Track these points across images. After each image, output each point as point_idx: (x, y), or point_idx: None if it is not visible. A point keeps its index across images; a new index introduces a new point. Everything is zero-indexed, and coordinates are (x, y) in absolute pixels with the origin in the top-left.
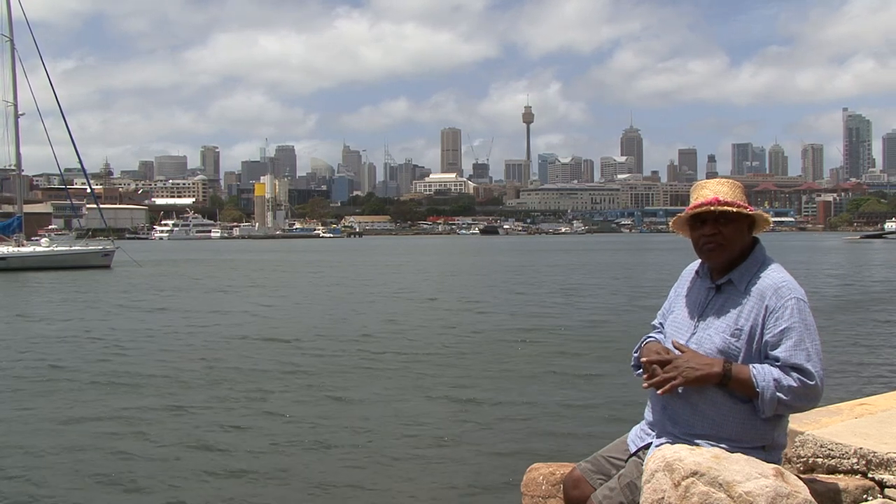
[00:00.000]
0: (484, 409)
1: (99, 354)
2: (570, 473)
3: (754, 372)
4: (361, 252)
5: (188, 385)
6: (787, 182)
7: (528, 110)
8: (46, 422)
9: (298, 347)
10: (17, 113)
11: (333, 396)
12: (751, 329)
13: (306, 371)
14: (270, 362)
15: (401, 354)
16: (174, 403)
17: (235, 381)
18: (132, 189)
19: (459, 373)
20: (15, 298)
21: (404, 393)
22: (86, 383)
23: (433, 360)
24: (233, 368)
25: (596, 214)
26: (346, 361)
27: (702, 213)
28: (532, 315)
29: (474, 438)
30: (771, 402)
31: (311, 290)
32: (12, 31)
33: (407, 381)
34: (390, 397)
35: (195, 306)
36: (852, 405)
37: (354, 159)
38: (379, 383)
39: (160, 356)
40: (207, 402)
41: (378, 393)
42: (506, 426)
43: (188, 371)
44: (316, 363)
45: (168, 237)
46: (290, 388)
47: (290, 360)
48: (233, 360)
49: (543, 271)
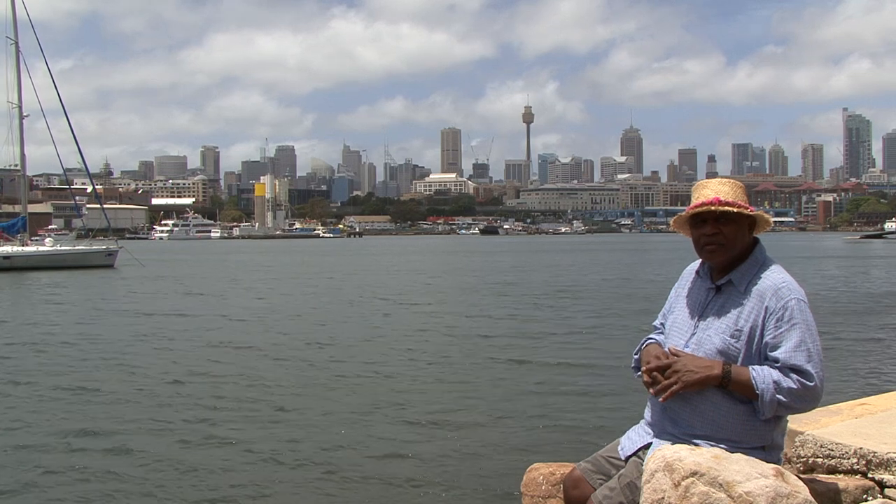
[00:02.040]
0: (484, 408)
1: (65, 360)
2: (570, 473)
3: (754, 374)
4: (359, 254)
5: (158, 397)
6: (787, 182)
7: (528, 110)
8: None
9: (306, 349)
10: (22, 114)
11: (332, 392)
12: (750, 330)
13: (312, 362)
14: (263, 372)
15: (401, 355)
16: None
17: (215, 391)
18: (132, 189)
19: (458, 373)
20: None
21: (404, 393)
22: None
23: (433, 360)
24: (206, 376)
25: (596, 214)
26: (343, 359)
27: (703, 212)
28: (532, 314)
29: (474, 438)
30: (771, 404)
31: (311, 291)
32: (17, 34)
33: (407, 380)
34: (389, 397)
35: (183, 308)
36: (852, 405)
37: (354, 159)
38: (378, 383)
39: (125, 363)
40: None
41: (377, 393)
42: (506, 426)
43: (156, 382)
44: (315, 362)
45: (168, 237)
46: (289, 386)
47: (292, 360)
48: (210, 369)
49: (543, 271)
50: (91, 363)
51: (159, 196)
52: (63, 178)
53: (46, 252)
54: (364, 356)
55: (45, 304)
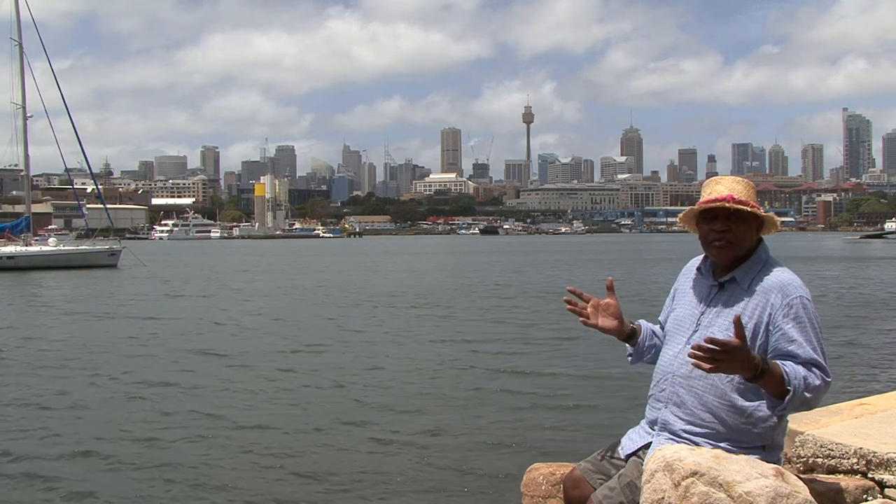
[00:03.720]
0: (483, 408)
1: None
2: (570, 473)
3: (786, 369)
4: (358, 255)
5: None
6: (787, 182)
7: (529, 110)
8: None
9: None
10: (26, 115)
11: (329, 389)
12: (755, 327)
13: (308, 360)
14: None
15: (400, 355)
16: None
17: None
18: (132, 189)
19: (458, 372)
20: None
21: (402, 393)
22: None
23: (432, 359)
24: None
25: (596, 214)
26: (343, 359)
27: (715, 208)
28: (532, 314)
29: (474, 438)
30: (799, 400)
31: (310, 295)
32: (21, 35)
33: (406, 380)
34: (389, 397)
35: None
36: (852, 405)
37: (354, 159)
38: (377, 382)
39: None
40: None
41: (376, 392)
42: (505, 426)
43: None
44: (315, 362)
45: (168, 237)
46: (283, 376)
47: (291, 360)
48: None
49: (543, 271)
50: (69, 367)
51: (159, 196)
52: (66, 178)
53: (50, 252)
54: (364, 356)
55: (61, 305)
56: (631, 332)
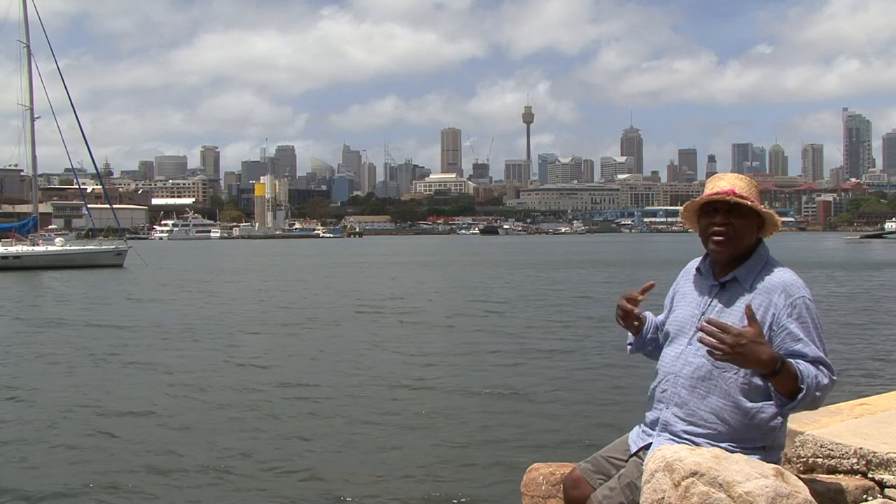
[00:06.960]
0: (483, 408)
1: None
2: (570, 473)
3: (800, 368)
4: (358, 255)
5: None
6: (787, 182)
7: (528, 110)
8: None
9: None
10: (33, 116)
11: (329, 388)
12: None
13: (308, 361)
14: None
15: (397, 355)
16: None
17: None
18: (132, 189)
19: (458, 372)
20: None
21: (402, 394)
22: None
23: (429, 360)
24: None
25: (596, 214)
26: (344, 359)
27: (716, 201)
28: (531, 314)
29: (474, 438)
30: (809, 398)
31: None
32: (29, 37)
33: (404, 380)
34: (388, 398)
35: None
36: (852, 405)
37: (354, 159)
38: (376, 382)
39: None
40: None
41: (375, 392)
42: (505, 426)
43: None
44: (315, 363)
45: (168, 237)
46: (268, 383)
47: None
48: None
49: (543, 270)
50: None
51: (159, 196)
52: (66, 178)
53: (56, 252)
54: (363, 356)
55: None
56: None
